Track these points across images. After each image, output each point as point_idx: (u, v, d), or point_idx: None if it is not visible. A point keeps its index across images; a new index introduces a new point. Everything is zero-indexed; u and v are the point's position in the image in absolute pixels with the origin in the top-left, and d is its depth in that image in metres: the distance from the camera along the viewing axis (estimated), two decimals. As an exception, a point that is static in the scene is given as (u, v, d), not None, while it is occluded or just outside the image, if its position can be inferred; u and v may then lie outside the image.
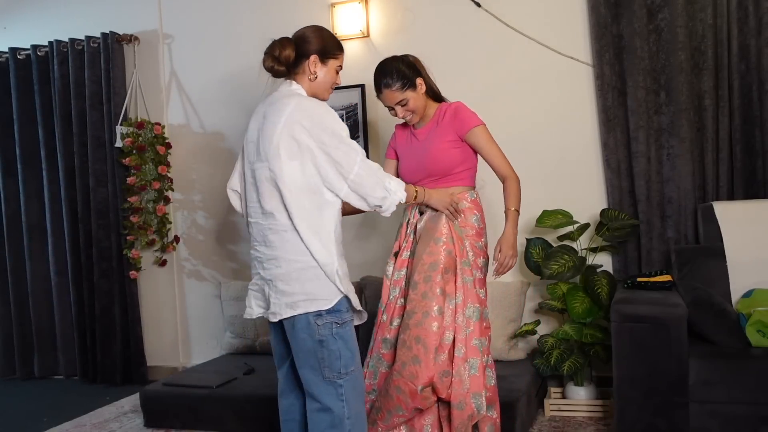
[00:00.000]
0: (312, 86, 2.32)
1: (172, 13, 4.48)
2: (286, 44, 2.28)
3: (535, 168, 3.73)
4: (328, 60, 2.32)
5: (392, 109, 2.69)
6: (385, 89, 2.63)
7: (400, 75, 2.62)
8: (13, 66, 4.64)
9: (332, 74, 2.35)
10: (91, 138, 4.45)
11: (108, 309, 4.47)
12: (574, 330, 3.30)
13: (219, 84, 4.38)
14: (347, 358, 2.22)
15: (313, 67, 2.30)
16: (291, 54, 2.27)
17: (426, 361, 2.45)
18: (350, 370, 2.22)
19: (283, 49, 2.26)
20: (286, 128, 2.16)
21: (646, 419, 2.66)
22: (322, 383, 2.21)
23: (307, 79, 2.31)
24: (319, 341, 2.18)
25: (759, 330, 2.69)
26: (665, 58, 3.46)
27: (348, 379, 2.22)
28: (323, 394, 2.21)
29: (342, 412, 2.20)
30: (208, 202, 4.48)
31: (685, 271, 3.14)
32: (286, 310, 2.20)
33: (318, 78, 2.31)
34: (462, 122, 2.66)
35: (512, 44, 3.75)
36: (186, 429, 3.42)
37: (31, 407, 4.08)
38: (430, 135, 2.69)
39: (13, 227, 4.73)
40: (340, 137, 2.18)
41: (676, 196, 3.48)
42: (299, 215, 2.16)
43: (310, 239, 2.16)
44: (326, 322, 2.19)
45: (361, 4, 3.97)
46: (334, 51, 2.35)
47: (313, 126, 2.16)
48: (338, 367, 2.20)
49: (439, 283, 2.51)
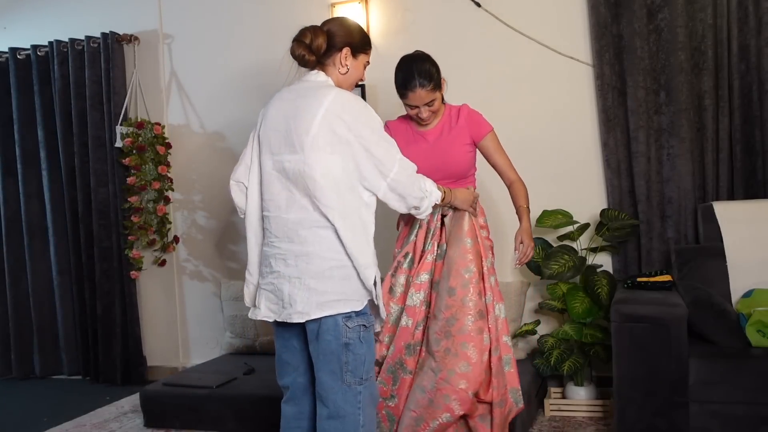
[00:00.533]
0: (340, 79, 2.23)
1: (172, 13, 4.48)
2: (319, 33, 2.18)
3: (535, 168, 3.72)
4: (359, 54, 2.25)
5: (414, 108, 2.62)
6: (420, 89, 2.56)
7: (433, 75, 2.58)
8: (13, 66, 4.64)
9: (360, 69, 2.28)
10: (92, 138, 4.45)
11: (109, 309, 4.47)
12: (574, 330, 3.30)
13: (219, 84, 4.38)
14: (369, 363, 2.15)
15: (345, 60, 2.21)
16: (323, 44, 2.17)
17: (476, 367, 2.46)
18: (370, 376, 2.17)
19: (315, 38, 2.17)
20: (326, 120, 2.06)
21: (646, 419, 2.66)
22: (341, 389, 2.11)
23: (337, 72, 2.22)
24: (345, 344, 2.09)
25: (759, 330, 2.69)
26: (665, 58, 3.47)
27: (367, 386, 2.15)
28: (341, 401, 2.11)
29: (357, 419, 2.11)
30: (208, 202, 4.48)
31: (685, 271, 3.14)
32: (316, 310, 2.07)
33: (348, 72, 2.23)
34: (479, 127, 2.71)
35: (512, 44, 3.75)
36: (186, 429, 3.42)
37: (31, 407, 4.08)
38: (445, 136, 2.69)
39: (13, 227, 4.73)
40: (381, 134, 2.12)
41: (676, 196, 3.48)
42: (339, 212, 2.07)
43: (350, 238, 2.08)
44: (356, 325, 2.11)
45: (361, 4, 3.97)
46: (365, 46, 2.27)
47: (354, 121, 2.08)
48: (361, 372, 2.12)
49: (476, 286, 2.52)
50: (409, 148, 2.71)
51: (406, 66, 2.59)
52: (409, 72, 2.57)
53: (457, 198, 2.52)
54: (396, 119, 2.81)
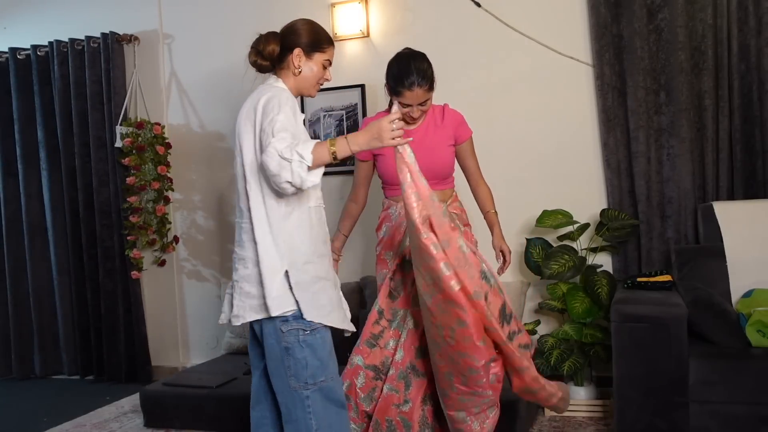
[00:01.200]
0: (297, 81, 2.20)
1: (172, 13, 4.48)
2: (270, 39, 2.19)
3: (535, 168, 3.74)
4: (313, 53, 2.19)
5: (407, 107, 2.58)
6: (417, 88, 2.53)
7: (431, 75, 2.56)
8: (13, 66, 4.64)
9: (318, 69, 2.21)
10: (93, 138, 4.46)
11: (113, 308, 4.49)
12: (574, 330, 3.30)
13: (219, 84, 4.38)
14: (315, 368, 2.08)
15: (297, 61, 2.17)
16: (275, 48, 2.17)
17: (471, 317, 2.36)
18: (319, 381, 2.09)
19: (267, 44, 2.17)
20: (249, 119, 2.09)
21: (646, 419, 2.66)
22: (289, 393, 2.10)
23: (292, 74, 2.19)
24: (285, 348, 2.08)
25: (759, 330, 2.69)
26: (665, 58, 3.46)
27: (316, 390, 2.09)
28: (290, 404, 2.11)
29: (309, 423, 2.08)
30: (207, 202, 4.48)
31: (685, 271, 3.14)
32: (248, 313, 2.11)
33: (302, 72, 2.19)
34: (463, 130, 2.74)
35: (512, 44, 3.75)
36: (186, 429, 3.42)
37: (31, 407, 4.08)
38: (430, 136, 2.67)
39: (13, 227, 4.73)
40: (271, 119, 1.99)
41: (676, 196, 3.48)
42: (257, 213, 2.07)
43: (261, 238, 2.06)
44: (291, 329, 2.07)
45: (361, 4, 3.97)
46: (321, 44, 2.20)
47: (264, 112, 2.04)
48: (304, 376, 2.08)
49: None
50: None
51: (405, 63, 2.55)
52: (408, 70, 2.54)
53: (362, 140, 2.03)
54: (375, 115, 2.77)
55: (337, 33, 4.01)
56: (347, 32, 4.00)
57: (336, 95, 4.03)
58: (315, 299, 2.09)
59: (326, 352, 2.12)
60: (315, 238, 2.14)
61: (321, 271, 2.14)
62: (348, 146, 2.00)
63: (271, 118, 2.00)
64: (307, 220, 2.12)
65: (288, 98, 2.09)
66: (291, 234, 2.09)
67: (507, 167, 3.67)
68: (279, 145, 1.92)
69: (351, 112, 4.04)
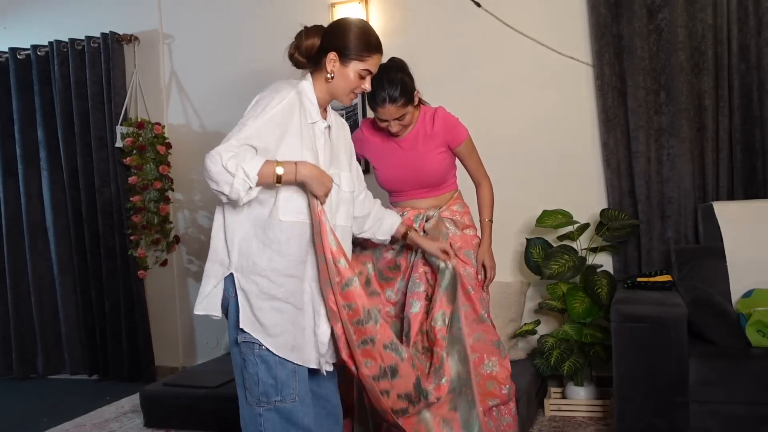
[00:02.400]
0: (327, 87, 2.04)
1: (172, 13, 4.48)
2: (312, 32, 2.03)
3: (535, 168, 3.74)
4: (350, 61, 2.01)
5: (384, 122, 2.51)
6: (390, 104, 2.43)
7: (405, 89, 2.45)
8: (13, 66, 4.64)
9: (351, 79, 2.03)
10: (95, 138, 4.46)
11: (117, 308, 4.50)
12: (574, 330, 3.30)
13: (219, 84, 4.38)
14: (268, 386, 1.91)
15: (331, 66, 2.01)
16: (315, 43, 2.01)
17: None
18: (274, 401, 1.92)
19: (307, 38, 2.02)
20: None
21: (646, 419, 2.66)
22: (245, 405, 1.98)
23: (323, 78, 2.04)
24: (242, 359, 1.95)
25: (759, 330, 2.69)
26: (665, 58, 3.46)
27: (271, 410, 1.93)
28: (247, 416, 1.98)
29: None
30: (208, 201, 4.48)
31: (685, 271, 3.14)
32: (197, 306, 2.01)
33: (335, 80, 2.02)
34: (455, 135, 2.63)
35: (512, 44, 3.75)
36: (186, 429, 3.41)
37: (32, 407, 4.08)
38: (419, 144, 2.61)
39: (13, 227, 4.73)
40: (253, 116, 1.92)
41: (676, 196, 3.48)
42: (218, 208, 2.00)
43: (215, 233, 1.98)
44: (247, 341, 1.92)
45: (361, 4, 3.97)
46: (361, 52, 2.01)
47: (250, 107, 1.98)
48: (257, 393, 1.93)
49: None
50: (385, 155, 2.64)
51: (378, 78, 2.29)
52: (380, 85, 2.40)
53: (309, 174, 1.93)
54: (369, 121, 2.71)
55: (337, 33, 4.02)
56: (347, 32, 4.00)
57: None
58: (258, 315, 1.93)
59: (285, 371, 1.93)
60: (284, 255, 1.94)
61: (278, 291, 1.94)
62: (294, 175, 1.90)
63: (244, 121, 1.90)
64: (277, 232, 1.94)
65: (285, 105, 1.93)
66: (247, 239, 1.95)
67: (507, 167, 3.67)
68: (225, 154, 1.84)
69: (351, 113, 4.04)
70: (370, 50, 2.04)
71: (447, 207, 2.68)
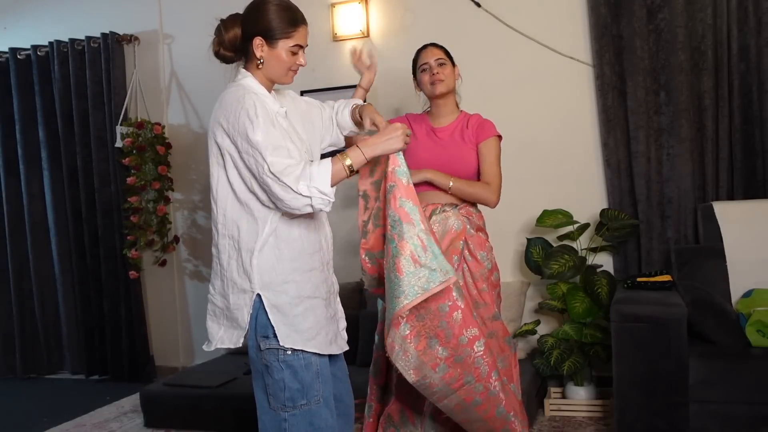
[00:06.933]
0: (265, 73, 1.94)
1: (172, 13, 4.48)
2: (230, 23, 1.93)
3: (535, 168, 3.74)
4: (276, 41, 1.90)
5: (425, 65, 2.71)
6: (432, 47, 2.74)
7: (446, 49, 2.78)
8: (14, 66, 4.64)
9: (284, 57, 1.91)
10: (95, 138, 4.46)
11: (116, 308, 4.50)
12: (574, 330, 3.30)
13: (219, 84, 4.32)
14: (294, 391, 1.88)
15: (259, 51, 1.90)
16: (237, 33, 1.91)
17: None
18: (300, 405, 1.89)
19: (227, 30, 1.92)
20: (211, 130, 1.90)
21: (646, 419, 2.66)
22: (268, 411, 1.93)
23: (255, 66, 1.93)
24: (264, 365, 1.90)
25: (759, 330, 2.69)
26: (665, 58, 3.46)
27: (296, 414, 1.89)
28: (268, 422, 1.93)
29: None
30: (208, 202, 4.44)
31: (685, 271, 3.15)
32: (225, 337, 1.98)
33: (266, 63, 1.91)
34: (485, 130, 2.69)
35: (512, 44, 3.75)
36: (186, 429, 3.42)
37: (32, 407, 4.08)
38: (456, 138, 2.69)
39: (15, 226, 4.74)
40: (249, 140, 1.80)
41: (676, 196, 3.48)
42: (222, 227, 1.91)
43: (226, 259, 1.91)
44: (271, 348, 1.88)
45: (361, 4, 3.97)
46: (285, 29, 1.89)
47: (230, 126, 1.83)
48: (282, 399, 1.89)
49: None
50: (425, 141, 2.73)
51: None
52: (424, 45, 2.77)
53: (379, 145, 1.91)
54: (414, 114, 2.84)
55: (337, 33, 4.02)
56: (347, 32, 4.00)
57: (336, 95, 3.98)
58: (295, 323, 1.89)
59: (310, 374, 1.91)
60: (299, 251, 1.91)
61: (306, 289, 1.92)
62: (362, 154, 1.87)
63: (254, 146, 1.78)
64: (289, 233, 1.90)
65: (253, 104, 1.84)
66: (263, 254, 1.88)
67: (507, 167, 3.60)
68: (292, 183, 1.75)
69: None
70: (295, 24, 1.92)
71: (464, 206, 2.69)
